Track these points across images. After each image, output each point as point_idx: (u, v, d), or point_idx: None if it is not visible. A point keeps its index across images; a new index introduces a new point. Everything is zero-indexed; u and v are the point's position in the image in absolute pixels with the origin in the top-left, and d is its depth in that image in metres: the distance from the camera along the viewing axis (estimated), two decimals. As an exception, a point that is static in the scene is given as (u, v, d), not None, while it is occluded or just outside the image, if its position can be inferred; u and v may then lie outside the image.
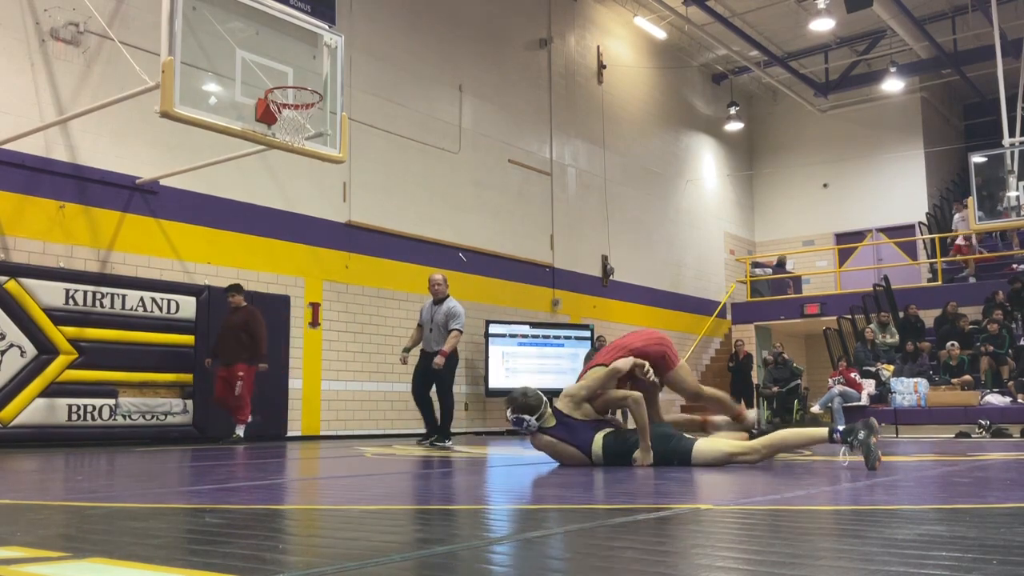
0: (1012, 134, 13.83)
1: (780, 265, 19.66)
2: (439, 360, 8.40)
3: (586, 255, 16.39)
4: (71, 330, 8.80)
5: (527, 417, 5.02)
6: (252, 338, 9.21)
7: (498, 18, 15.11)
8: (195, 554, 2.07)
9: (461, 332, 8.60)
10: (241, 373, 9.09)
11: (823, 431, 4.76)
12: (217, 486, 4.01)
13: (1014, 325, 14.50)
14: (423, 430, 8.92)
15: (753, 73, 20.30)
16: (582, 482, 4.08)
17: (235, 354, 9.16)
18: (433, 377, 8.58)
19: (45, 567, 1.86)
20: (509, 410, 5.12)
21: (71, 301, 8.84)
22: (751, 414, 5.84)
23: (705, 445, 4.79)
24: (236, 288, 9.52)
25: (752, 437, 5.05)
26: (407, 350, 8.94)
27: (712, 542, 2.27)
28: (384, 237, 12.55)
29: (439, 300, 8.70)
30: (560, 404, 5.13)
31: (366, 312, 12.12)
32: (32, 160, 9.00)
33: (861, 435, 4.45)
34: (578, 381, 5.31)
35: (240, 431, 9.15)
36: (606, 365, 5.17)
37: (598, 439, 4.94)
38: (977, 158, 14.32)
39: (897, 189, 20.50)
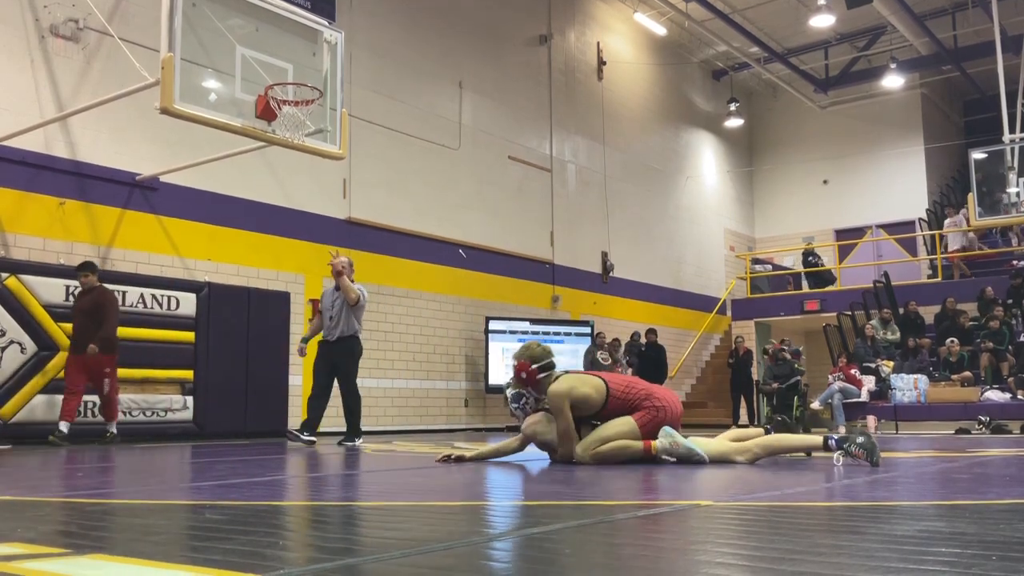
0: (1012, 130, 13.83)
1: (808, 256, 19.40)
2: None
3: (586, 251, 16.38)
4: (72, 327, 8.78)
5: (527, 388, 5.12)
6: (102, 324, 8.30)
7: (498, 14, 15.09)
8: (195, 550, 2.07)
9: (363, 294, 8.46)
10: (108, 370, 8.34)
11: (817, 438, 4.77)
12: (217, 482, 4.01)
13: (1014, 321, 14.50)
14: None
15: (753, 69, 20.29)
16: (581, 478, 4.08)
17: (86, 341, 8.25)
18: (336, 369, 8.26)
19: (45, 563, 1.86)
20: (512, 377, 5.26)
21: (71, 298, 8.82)
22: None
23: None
24: (87, 266, 8.48)
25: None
26: (306, 340, 8.60)
27: (712, 538, 2.28)
28: (384, 234, 12.55)
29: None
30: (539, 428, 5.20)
31: (366, 309, 12.08)
32: (32, 157, 9.00)
33: (860, 439, 4.46)
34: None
35: (114, 428, 8.45)
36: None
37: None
38: (977, 154, 14.31)
39: (897, 185, 20.49)
